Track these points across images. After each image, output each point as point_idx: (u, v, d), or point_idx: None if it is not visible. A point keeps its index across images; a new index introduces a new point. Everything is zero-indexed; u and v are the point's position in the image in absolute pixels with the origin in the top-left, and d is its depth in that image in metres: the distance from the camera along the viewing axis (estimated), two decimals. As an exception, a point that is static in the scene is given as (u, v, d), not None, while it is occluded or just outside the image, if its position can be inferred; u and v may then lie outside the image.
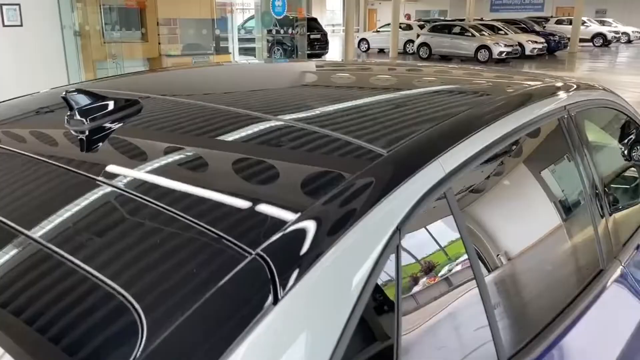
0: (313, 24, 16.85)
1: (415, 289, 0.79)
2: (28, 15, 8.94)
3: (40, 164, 0.88)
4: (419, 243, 0.83)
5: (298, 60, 6.99)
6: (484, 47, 18.99)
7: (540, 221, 1.24)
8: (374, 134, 0.94)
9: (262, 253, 0.62)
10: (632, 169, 1.92)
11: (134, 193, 0.76)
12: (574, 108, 1.32)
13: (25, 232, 0.70)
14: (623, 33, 29.36)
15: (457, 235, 0.86)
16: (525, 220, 1.19)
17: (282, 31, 12.37)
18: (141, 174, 0.83)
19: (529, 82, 1.44)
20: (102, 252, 0.67)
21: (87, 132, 0.94)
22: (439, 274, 0.86)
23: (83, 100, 0.95)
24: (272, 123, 1.00)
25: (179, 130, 1.03)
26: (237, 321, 0.55)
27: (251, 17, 12.80)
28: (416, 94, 1.38)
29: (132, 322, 0.54)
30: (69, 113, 0.94)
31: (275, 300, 0.57)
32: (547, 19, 29.14)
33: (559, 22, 27.77)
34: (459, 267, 0.87)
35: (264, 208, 0.73)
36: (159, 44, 10.17)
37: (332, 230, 0.67)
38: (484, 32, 19.89)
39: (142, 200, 0.74)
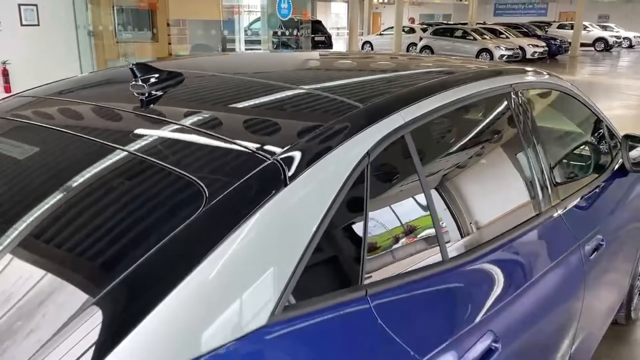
0: (318, 27, 17.23)
1: (381, 195, 1.14)
2: (44, 15, 9.31)
3: (121, 111, 1.26)
4: (388, 173, 1.18)
5: (305, 50, 7.50)
6: (486, 50, 19.34)
7: (491, 173, 1.59)
8: (356, 95, 1.30)
9: (277, 159, 0.97)
10: (586, 147, 2.27)
11: (190, 126, 1.13)
12: (519, 86, 1.66)
13: (120, 146, 1.07)
14: (625, 38, 29.62)
15: (415, 170, 1.20)
16: (477, 171, 1.53)
17: (287, 33, 12.72)
18: (190, 117, 1.19)
19: (484, 65, 1.79)
20: (182, 153, 1.04)
21: (146, 93, 1.29)
22: (399, 192, 1.21)
23: (144, 72, 1.30)
24: (288, 89, 1.40)
25: (214, 90, 1.41)
26: (266, 191, 0.90)
27: (257, 19, 13.17)
28: (391, 71, 1.76)
29: (204, 190, 0.90)
30: (133, 81, 1.30)
31: (285, 184, 0.92)
32: (549, 24, 29.43)
33: (561, 26, 28.05)
34: (415, 192, 1.21)
35: (281, 134, 1.12)
36: (169, 44, 10.52)
37: (323, 149, 1.01)
38: (485, 36, 20.24)
39: (201, 130, 1.10)
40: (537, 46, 20.83)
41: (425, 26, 24.88)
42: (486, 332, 1.16)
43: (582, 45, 25.71)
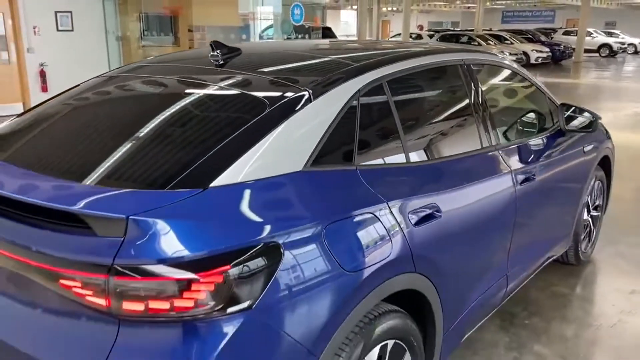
0: (327, 33, 18.03)
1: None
2: (78, 22, 10.13)
3: (204, 69, 2.03)
4: (371, 103, 1.91)
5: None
6: (490, 55, 20.02)
7: (441, 111, 2.34)
8: (353, 59, 2.02)
9: (307, 87, 1.68)
10: (529, 111, 2.99)
11: (256, 75, 1.90)
12: (468, 61, 2.38)
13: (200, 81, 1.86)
14: (630, 44, 30.16)
15: (389, 103, 1.92)
16: (430, 109, 2.29)
17: (299, 38, 13.51)
18: (253, 70, 1.95)
19: (443, 46, 2.53)
20: (252, 86, 1.79)
21: (220, 61, 2.03)
22: (377, 115, 1.94)
23: (219, 46, 2.04)
24: (314, 57, 2.22)
25: (267, 58, 2.21)
26: (300, 104, 1.60)
27: (270, 26, 14.03)
28: (375, 49, 2.51)
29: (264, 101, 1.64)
30: (211, 52, 2.04)
31: (310, 101, 1.65)
32: (555, 30, 30.06)
33: (566, 33, 28.66)
34: (387, 116, 1.93)
35: (309, 77, 1.83)
36: (190, 47, 11.33)
37: (332, 85, 1.74)
38: (490, 42, 20.95)
39: (259, 76, 1.86)
40: (540, 51, 21.47)
41: (432, 32, 25.62)
42: (432, 203, 1.88)
43: (587, 51, 26.28)
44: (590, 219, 3.54)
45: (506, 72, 2.80)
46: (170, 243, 1.24)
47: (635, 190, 5.61)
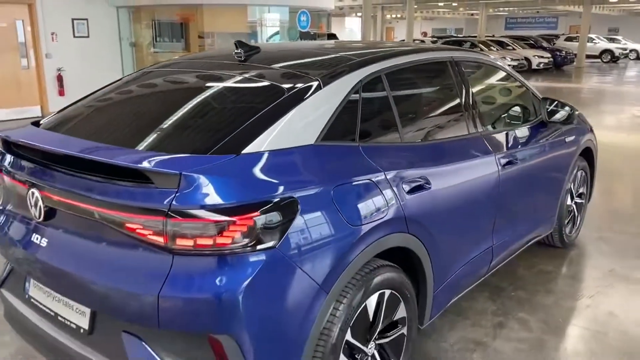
0: (332, 39, 18.50)
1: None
2: (94, 29, 10.56)
3: (229, 64, 2.39)
4: (371, 92, 2.25)
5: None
6: (492, 61, 20.34)
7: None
8: (356, 55, 2.37)
9: (317, 77, 2.02)
10: (514, 105, 3.33)
11: (274, 67, 2.25)
12: (456, 58, 2.74)
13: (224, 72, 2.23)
14: (632, 50, 30.43)
15: (386, 92, 2.28)
16: (422, 96, 2.65)
17: (305, 44, 13.90)
18: (272, 64, 2.30)
19: (434, 46, 2.88)
20: (272, 76, 2.14)
21: (242, 57, 2.39)
22: (377, 102, 2.28)
23: (242, 45, 2.40)
24: (322, 54, 2.55)
25: (283, 55, 2.57)
26: (312, 90, 1.95)
27: (277, 32, 14.47)
28: (375, 47, 2.87)
29: (286, 88, 1.99)
30: (235, 50, 2.39)
31: (320, 88, 2.00)
32: (557, 36, 30.39)
33: (568, 39, 28.96)
34: (385, 103, 2.27)
35: (319, 70, 2.16)
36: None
37: (339, 75, 2.08)
38: (492, 47, 21.28)
39: (275, 69, 2.23)
40: (542, 57, 21.76)
41: (435, 39, 26.01)
42: (423, 176, 2.22)
43: (589, 56, 26.58)
44: (574, 206, 3.86)
45: (491, 68, 3.16)
46: (213, 194, 1.58)
47: (629, 185, 5.93)
